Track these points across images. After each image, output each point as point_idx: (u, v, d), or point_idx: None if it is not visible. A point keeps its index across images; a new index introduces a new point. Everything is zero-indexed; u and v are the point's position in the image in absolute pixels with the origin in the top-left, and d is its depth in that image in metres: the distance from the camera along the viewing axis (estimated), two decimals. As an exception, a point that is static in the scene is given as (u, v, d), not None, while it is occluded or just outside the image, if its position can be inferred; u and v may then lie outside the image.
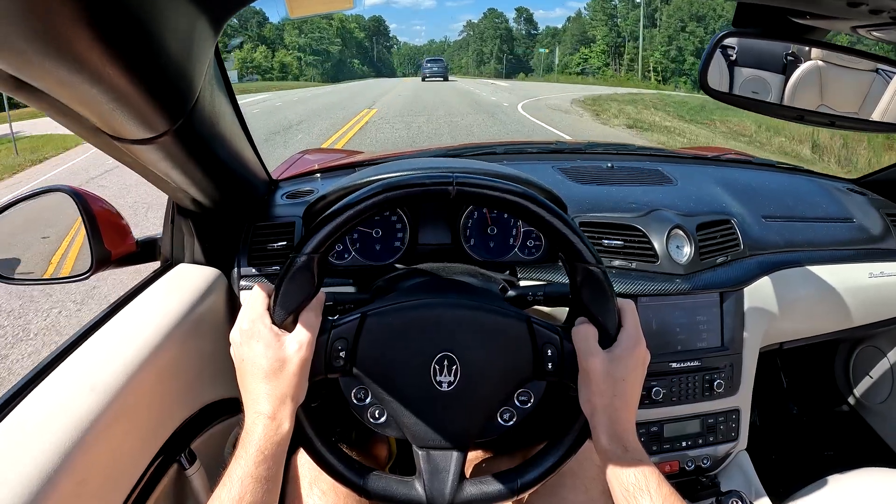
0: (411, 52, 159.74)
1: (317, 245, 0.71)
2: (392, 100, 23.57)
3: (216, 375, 1.06)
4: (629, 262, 1.19)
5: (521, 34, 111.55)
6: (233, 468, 0.66)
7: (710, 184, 1.46)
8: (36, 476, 0.63)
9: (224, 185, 0.99)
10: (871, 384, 1.74)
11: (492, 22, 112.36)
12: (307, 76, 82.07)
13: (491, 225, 1.14)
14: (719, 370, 1.20)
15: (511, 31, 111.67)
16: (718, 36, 0.94)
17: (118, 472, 0.79)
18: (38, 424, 0.70)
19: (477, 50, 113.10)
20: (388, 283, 0.95)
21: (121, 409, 0.77)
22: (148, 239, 1.14)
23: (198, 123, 0.73)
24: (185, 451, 0.96)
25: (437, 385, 0.75)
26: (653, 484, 0.68)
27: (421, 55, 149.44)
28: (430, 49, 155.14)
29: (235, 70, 59.65)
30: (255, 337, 0.70)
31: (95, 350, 0.86)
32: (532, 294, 0.90)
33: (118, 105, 0.56)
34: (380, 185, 0.72)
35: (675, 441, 1.22)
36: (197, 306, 1.01)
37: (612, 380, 0.71)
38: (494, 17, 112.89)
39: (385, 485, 0.75)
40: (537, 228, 0.74)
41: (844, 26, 0.75)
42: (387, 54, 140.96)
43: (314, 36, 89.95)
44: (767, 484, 1.26)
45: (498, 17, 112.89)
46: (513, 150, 1.68)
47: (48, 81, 0.50)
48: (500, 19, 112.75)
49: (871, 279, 1.40)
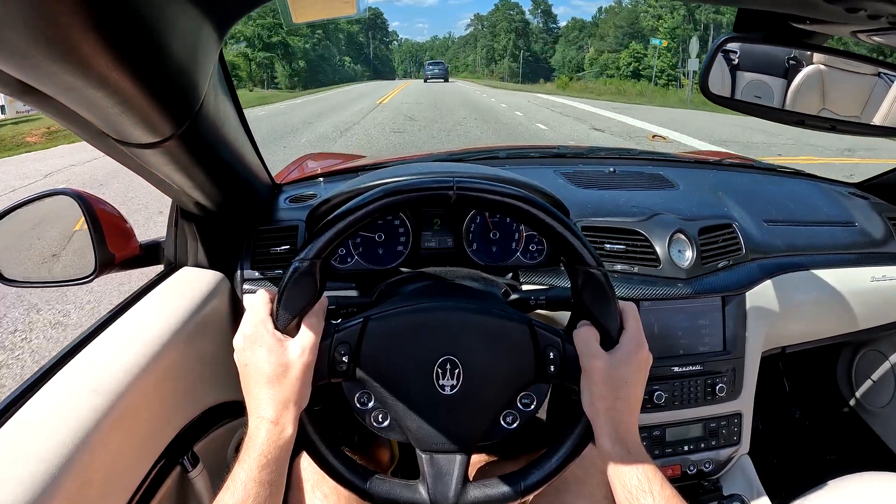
0: (413, 49, 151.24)
1: (319, 250, 0.71)
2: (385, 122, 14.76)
3: (219, 378, 1.06)
4: (631, 267, 1.19)
5: (539, 28, 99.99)
6: (236, 472, 0.66)
7: (711, 188, 1.46)
8: (39, 477, 0.63)
9: (228, 189, 1.00)
10: (873, 388, 1.73)
11: (504, 14, 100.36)
12: (278, 80, 60.93)
13: (493, 229, 1.14)
14: (721, 374, 1.20)
15: (528, 25, 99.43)
16: (720, 41, 0.94)
17: (121, 474, 0.79)
18: (42, 426, 0.70)
19: (487, 46, 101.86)
20: (391, 288, 0.96)
21: (124, 411, 0.78)
22: (151, 242, 1.14)
23: (202, 128, 0.74)
24: (187, 454, 0.96)
25: (440, 389, 0.75)
26: (656, 486, 0.68)
27: (423, 52, 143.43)
28: (433, 46, 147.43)
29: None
30: (257, 342, 0.71)
31: (99, 353, 0.86)
32: (534, 298, 0.90)
33: (124, 109, 0.56)
34: (381, 190, 0.72)
35: (677, 445, 1.22)
36: (200, 309, 1.01)
37: (614, 382, 0.71)
38: (508, 7, 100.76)
39: (389, 488, 0.75)
40: (538, 232, 0.75)
41: (844, 31, 0.76)
42: (385, 51, 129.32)
43: (265, 23, 55.90)
44: (770, 488, 1.26)
45: (512, 9, 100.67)
46: (515, 155, 1.68)
47: (55, 86, 0.51)
48: (514, 10, 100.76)
49: (873, 283, 1.40)
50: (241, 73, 54.26)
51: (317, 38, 79.69)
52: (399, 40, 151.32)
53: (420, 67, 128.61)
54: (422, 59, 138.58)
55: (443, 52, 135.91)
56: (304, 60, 68.62)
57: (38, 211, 1.03)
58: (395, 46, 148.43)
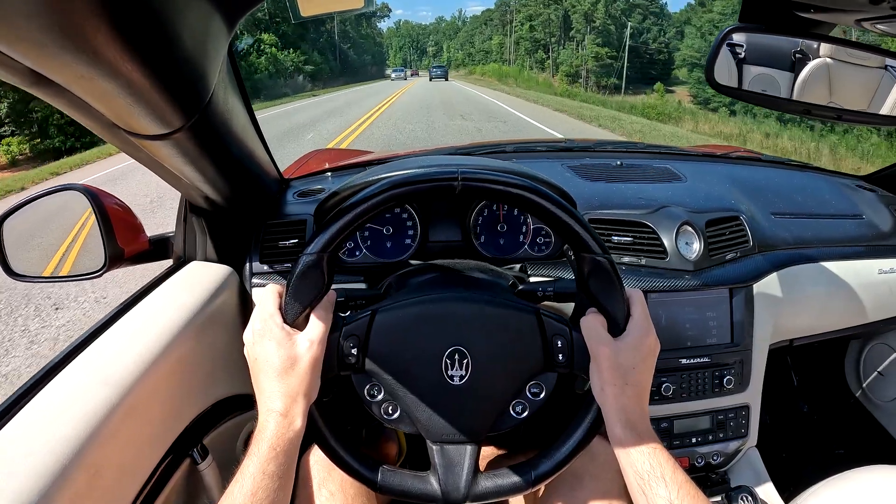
0: (414, 33, 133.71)
1: (326, 243, 0.71)
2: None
3: (228, 372, 1.06)
4: (638, 259, 1.19)
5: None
6: (246, 464, 0.66)
7: (719, 181, 1.46)
8: (50, 468, 0.64)
9: (236, 183, 1.00)
10: (881, 381, 1.73)
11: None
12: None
13: (501, 222, 1.15)
14: (729, 366, 1.20)
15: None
16: (725, 31, 0.94)
17: (131, 466, 0.79)
18: (53, 417, 0.71)
19: (539, 14, 57.02)
20: (399, 280, 0.96)
21: (134, 403, 0.78)
22: (160, 237, 1.15)
23: (211, 120, 0.74)
24: (197, 447, 0.97)
25: (450, 379, 0.75)
26: (668, 471, 0.68)
27: (427, 36, 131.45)
28: (438, 29, 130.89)
29: None
30: (266, 336, 0.71)
31: (109, 345, 0.87)
32: (542, 290, 0.90)
33: (134, 100, 0.57)
34: (387, 182, 0.72)
35: (684, 437, 1.22)
36: (209, 303, 1.02)
37: (622, 368, 0.71)
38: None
39: (400, 480, 0.76)
40: (544, 222, 0.75)
41: (849, 19, 0.76)
42: (367, 31, 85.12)
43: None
44: (777, 481, 1.26)
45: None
46: (522, 149, 1.68)
47: (66, 76, 0.51)
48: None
49: (881, 275, 1.40)
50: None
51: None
52: (393, 19, 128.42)
53: (423, 55, 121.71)
54: (425, 45, 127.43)
55: (451, 36, 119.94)
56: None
57: (49, 207, 1.04)
58: (391, 28, 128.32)
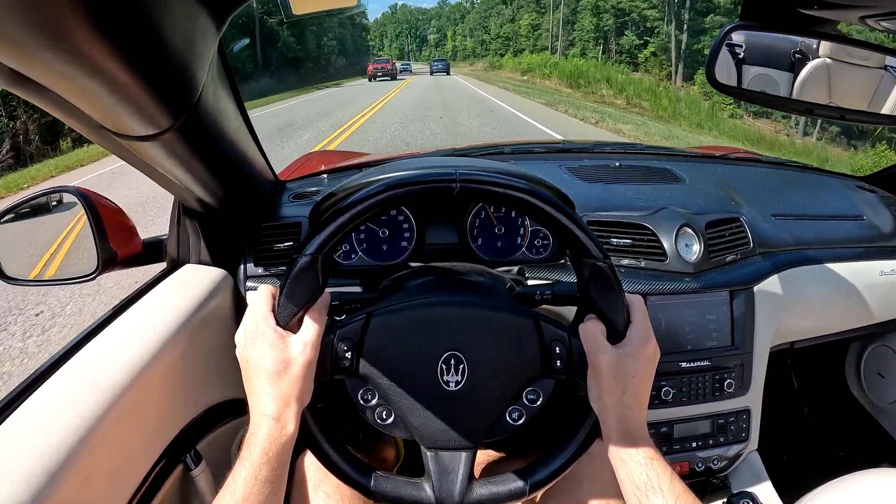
0: (412, 18, 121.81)
1: (320, 245, 0.70)
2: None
3: (223, 376, 1.05)
4: (638, 261, 1.18)
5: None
6: (237, 469, 0.65)
7: (718, 182, 1.45)
8: (39, 473, 0.63)
9: (229, 184, 0.99)
10: (882, 384, 1.72)
11: None
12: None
13: (498, 224, 1.13)
14: (729, 370, 1.19)
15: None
16: (726, 29, 0.92)
17: (123, 472, 0.78)
18: (43, 422, 0.70)
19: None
20: (395, 283, 0.95)
21: (126, 408, 0.77)
22: (154, 239, 1.14)
23: (201, 120, 0.73)
24: (190, 452, 0.95)
25: (445, 385, 0.74)
26: (665, 482, 0.67)
27: (428, 21, 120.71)
28: (441, 13, 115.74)
29: None
30: (259, 338, 0.70)
31: (100, 350, 0.85)
32: (540, 293, 0.89)
33: (119, 99, 0.55)
34: (383, 184, 0.71)
35: (685, 441, 1.21)
36: (203, 306, 1.00)
37: (621, 376, 0.70)
38: None
39: (393, 486, 0.74)
40: (543, 225, 0.73)
41: (852, 16, 0.75)
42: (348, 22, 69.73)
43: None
44: (778, 485, 1.25)
45: None
46: (520, 150, 1.67)
47: (48, 75, 0.50)
48: None
49: (882, 277, 1.39)
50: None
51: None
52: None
53: (423, 43, 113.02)
54: (426, 32, 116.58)
55: (457, 21, 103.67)
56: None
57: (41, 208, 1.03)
58: (385, 14, 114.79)
